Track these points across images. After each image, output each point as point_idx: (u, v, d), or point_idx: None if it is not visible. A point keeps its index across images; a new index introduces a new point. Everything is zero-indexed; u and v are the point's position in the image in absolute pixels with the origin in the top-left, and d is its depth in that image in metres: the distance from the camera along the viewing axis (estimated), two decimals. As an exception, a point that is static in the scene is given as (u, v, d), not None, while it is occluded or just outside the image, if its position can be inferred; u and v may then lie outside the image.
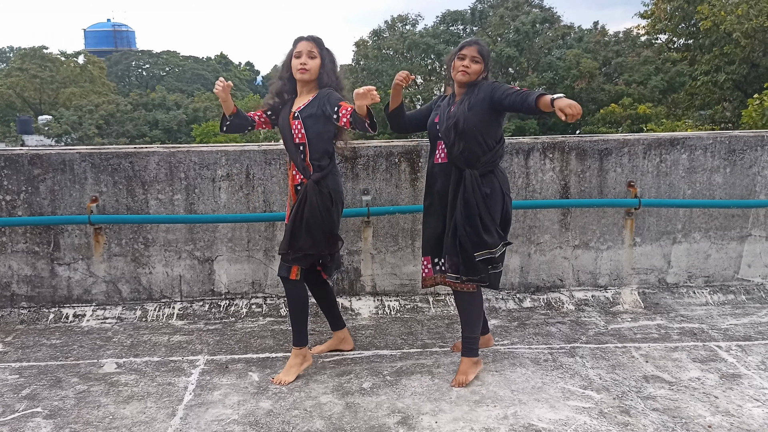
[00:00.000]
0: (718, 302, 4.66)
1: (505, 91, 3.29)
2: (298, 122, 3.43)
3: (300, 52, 3.45)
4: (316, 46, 3.47)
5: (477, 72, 3.39)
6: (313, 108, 3.43)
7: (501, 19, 28.77)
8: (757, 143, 4.69)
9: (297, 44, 3.49)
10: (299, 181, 3.48)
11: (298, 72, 3.45)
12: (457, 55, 3.43)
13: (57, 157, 4.37)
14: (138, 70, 58.87)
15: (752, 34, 19.53)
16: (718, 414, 3.12)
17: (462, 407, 3.20)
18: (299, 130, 3.44)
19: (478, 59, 3.40)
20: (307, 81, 3.49)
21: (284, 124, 3.51)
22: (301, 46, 3.46)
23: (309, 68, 3.44)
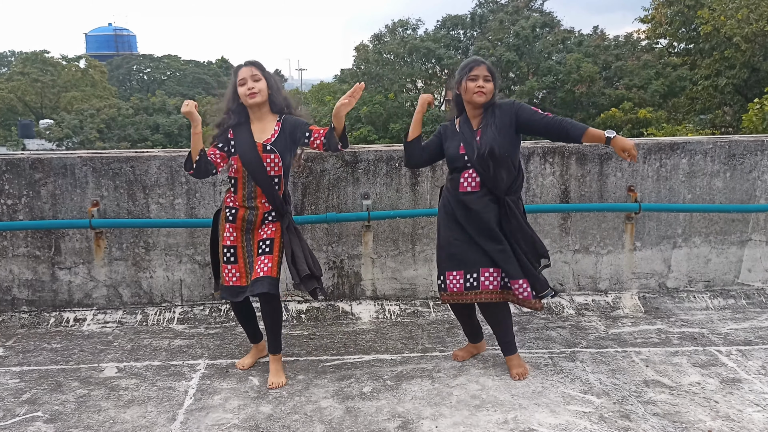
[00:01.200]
0: (718, 307, 4.66)
1: (534, 114, 3.38)
2: (275, 155, 3.39)
3: (244, 79, 3.39)
4: (257, 69, 3.42)
5: (491, 91, 3.39)
6: (283, 139, 3.43)
7: (501, 24, 28.81)
8: (756, 148, 4.70)
9: (238, 73, 3.43)
10: (269, 208, 3.44)
11: (248, 98, 3.38)
12: (468, 77, 3.39)
13: (58, 162, 4.38)
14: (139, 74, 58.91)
15: (752, 38, 19.54)
16: (718, 419, 3.12)
17: (462, 412, 3.20)
18: (276, 163, 3.40)
19: (489, 77, 3.40)
20: (260, 104, 3.42)
21: (251, 155, 3.38)
22: (243, 73, 3.40)
23: (258, 90, 3.38)
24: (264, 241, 3.45)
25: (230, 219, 3.47)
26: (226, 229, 3.49)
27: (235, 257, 3.48)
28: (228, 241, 3.48)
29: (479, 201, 3.40)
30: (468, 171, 3.41)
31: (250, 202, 3.44)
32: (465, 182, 3.43)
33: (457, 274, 3.46)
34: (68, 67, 45.31)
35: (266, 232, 3.47)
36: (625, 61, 26.69)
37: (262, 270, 3.39)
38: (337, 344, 4.05)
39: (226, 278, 3.48)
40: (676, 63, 25.23)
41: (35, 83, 42.20)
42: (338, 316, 4.50)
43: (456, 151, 3.45)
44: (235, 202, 3.47)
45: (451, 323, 4.35)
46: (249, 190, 3.43)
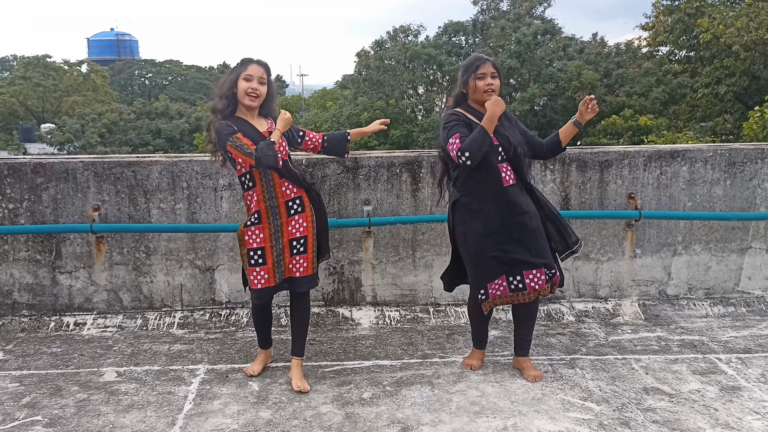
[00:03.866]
0: (718, 314, 4.66)
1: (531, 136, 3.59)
2: (282, 140, 3.37)
3: (251, 76, 3.33)
4: (266, 73, 3.38)
5: (499, 87, 3.42)
6: None
7: (502, 31, 28.86)
8: (757, 156, 4.71)
9: (248, 66, 3.35)
10: (291, 195, 3.42)
11: (247, 97, 3.33)
12: (475, 76, 3.39)
13: (60, 166, 4.40)
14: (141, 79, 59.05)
15: (752, 46, 19.58)
16: (717, 426, 3.12)
17: (462, 418, 3.20)
18: (284, 147, 3.41)
19: (496, 74, 3.42)
20: (254, 108, 3.40)
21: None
22: (253, 70, 3.34)
23: (259, 95, 3.35)
24: (297, 240, 3.44)
25: (255, 222, 3.41)
26: (248, 232, 3.42)
27: (263, 258, 3.41)
28: (255, 243, 3.41)
29: (521, 193, 3.45)
30: (503, 165, 3.40)
31: (271, 193, 3.37)
32: (506, 176, 3.40)
33: (500, 280, 3.44)
34: (70, 71, 45.43)
35: (298, 229, 3.43)
36: (625, 69, 26.73)
37: (298, 270, 3.44)
38: (337, 350, 4.05)
39: (254, 281, 3.43)
40: (677, 70, 25.26)
41: (37, 87, 42.31)
42: (338, 321, 4.50)
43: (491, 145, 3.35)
44: (254, 200, 3.40)
45: (451, 329, 4.35)
46: (267, 179, 3.37)
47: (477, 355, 3.81)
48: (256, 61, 3.39)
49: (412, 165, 4.54)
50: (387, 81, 28.86)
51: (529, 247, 3.41)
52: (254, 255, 3.43)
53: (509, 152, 3.40)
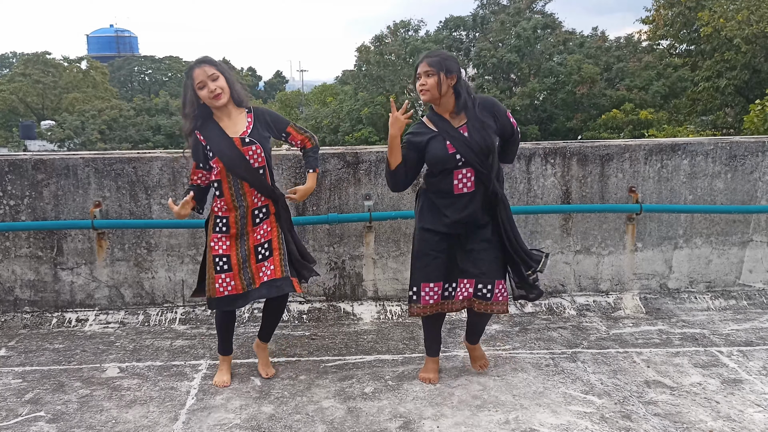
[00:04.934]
0: (719, 307, 4.67)
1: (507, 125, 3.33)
2: (256, 146, 3.28)
3: (202, 82, 3.23)
4: (212, 67, 3.26)
5: (434, 84, 3.19)
6: (259, 129, 3.35)
7: (502, 25, 28.81)
8: (758, 149, 4.70)
9: (192, 75, 3.25)
10: (258, 204, 3.36)
11: (214, 101, 3.24)
12: (416, 78, 3.28)
13: (60, 162, 4.40)
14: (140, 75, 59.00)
15: (753, 39, 19.53)
16: (719, 419, 3.12)
17: (464, 412, 3.20)
18: (259, 154, 3.29)
19: (431, 71, 3.19)
20: (225, 104, 3.29)
21: (231, 153, 3.27)
22: (199, 75, 3.23)
23: (222, 90, 3.25)
24: (261, 246, 3.37)
25: (223, 230, 3.36)
26: (215, 238, 3.37)
27: (229, 265, 3.35)
28: (220, 250, 3.36)
29: (472, 200, 3.27)
30: (461, 171, 3.24)
31: (239, 202, 3.32)
32: (459, 183, 3.26)
33: (435, 286, 3.35)
34: (70, 68, 45.38)
35: (262, 234, 3.38)
36: (626, 63, 26.70)
37: (266, 275, 3.33)
38: (339, 345, 4.06)
39: (219, 288, 3.35)
40: (677, 64, 25.22)
41: (37, 84, 42.26)
42: (340, 316, 4.51)
43: (444, 152, 3.23)
44: (222, 208, 3.35)
45: (452, 324, 4.36)
46: (236, 189, 3.31)
47: (431, 365, 3.60)
48: (196, 64, 3.28)
49: (413, 160, 4.53)
50: (387, 76, 28.85)
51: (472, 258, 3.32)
52: (219, 261, 3.36)
53: (470, 158, 3.21)
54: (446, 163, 3.24)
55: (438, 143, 3.26)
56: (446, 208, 3.30)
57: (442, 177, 3.28)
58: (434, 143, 3.27)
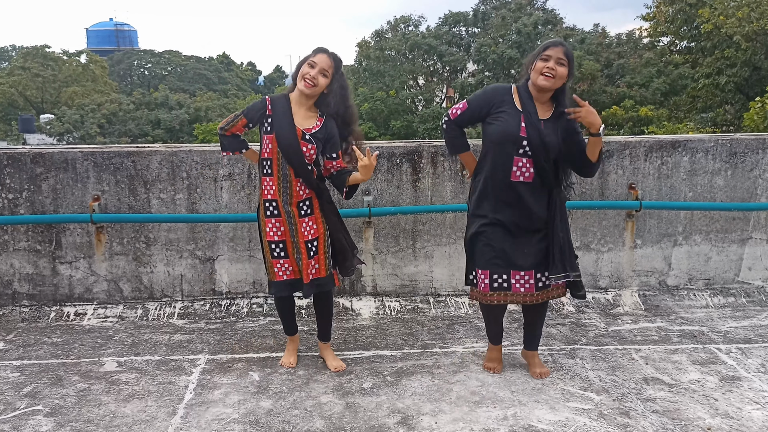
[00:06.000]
0: (718, 305, 4.67)
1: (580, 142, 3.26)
2: (312, 146, 3.32)
3: (315, 63, 3.28)
4: (333, 66, 3.31)
5: (563, 76, 3.15)
6: (322, 135, 3.37)
7: (503, 21, 28.76)
8: (758, 146, 4.70)
9: (316, 54, 3.31)
10: (303, 196, 3.39)
11: (302, 82, 3.28)
12: (540, 57, 3.18)
13: (59, 156, 4.38)
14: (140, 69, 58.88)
15: (753, 37, 19.51)
16: (717, 416, 3.12)
17: (462, 408, 3.20)
18: (312, 153, 3.33)
19: (564, 61, 3.14)
20: (308, 96, 3.33)
21: (292, 139, 3.30)
22: (319, 59, 3.29)
23: (316, 84, 3.28)
24: (311, 242, 3.41)
25: (275, 213, 3.39)
26: (269, 223, 3.40)
27: (285, 252, 3.42)
28: (276, 236, 3.41)
29: (529, 191, 3.21)
30: (521, 159, 3.17)
31: (285, 188, 3.34)
32: (518, 171, 3.19)
33: (483, 273, 3.31)
34: (69, 62, 45.29)
35: (309, 231, 3.41)
36: (626, 59, 26.64)
37: (311, 274, 3.41)
38: (338, 340, 4.05)
39: (278, 273, 3.43)
40: (678, 61, 25.17)
41: (36, 78, 42.18)
42: (338, 312, 4.50)
43: (515, 130, 3.16)
44: (272, 190, 3.36)
45: (451, 320, 4.36)
46: (284, 172, 3.33)
47: (493, 353, 3.62)
48: (327, 52, 3.33)
49: (413, 155, 4.53)
50: (387, 71, 28.80)
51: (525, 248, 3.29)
52: (275, 248, 3.42)
53: (535, 147, 3.15)
54: (510, 141, 3.17)
55: (513, 118, 3.19)
56: (502, 196, 3.24)
57: (502, 159, 3.21)
58: (508, 116, 3.20)
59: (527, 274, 3.30)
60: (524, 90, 3.25)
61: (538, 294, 3.34)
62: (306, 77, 3.28)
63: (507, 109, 3.22)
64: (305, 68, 3.30)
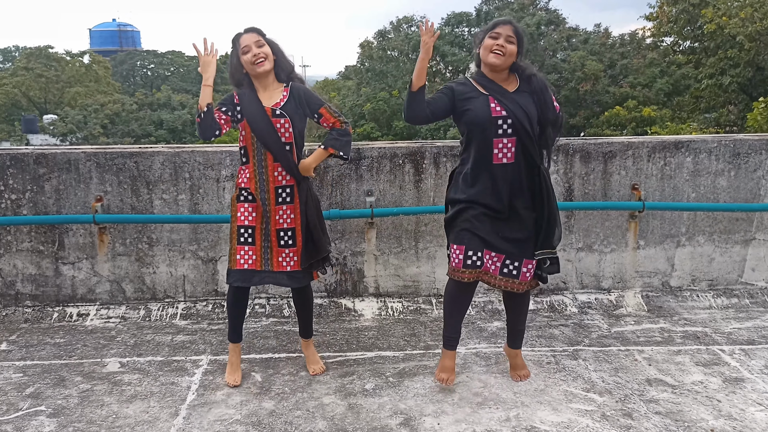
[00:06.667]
0: (721, 306, 4.65)
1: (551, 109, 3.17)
2: (285, 120, 3.28)
3: (247, 46, 3.24)
4: (258, 35, 3.28)
5: (512, 54, 3.10)
6: (293, 105, 3.33)
7: (506, 21, 28.70)
8: (762, 147, 4.68)
9: (239, 40, 3.28)
10: (282, 182, 3.34)
11: (256, 66, 3.23)
12: (489, 34, 3.13)
13: (62, 157, 4.39)
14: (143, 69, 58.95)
15: (757, 37, 19.48)
16: (720, 418, 3.12)
17: (464, 409, 3.20)
18: (287, 129, 3.29)
19: (513, 39, 3.11)
20: (267, 72, 3.28)
21: (261, 120, 3.27)
22: (245, 40, 3.26)
23: (265, 56, 3.24)
24: (285, 231, 3.36)
25: (249, 198, 3.34)
26: (241, 208, 3.35)
27: (253, 238, 3.34)
28: (246, 221, 3.33)
29: (512, 172, 3.14)
30: (501, 140, 3.10)
31: (261, 175, 3.31)
32: (499, 153, 3.11)
33: (458, 249, 3.22)
34: (72, 62, 45.36)
35: (285, 220, 3.36)
36: (629, 59, 26.62)
37: (289, 264, 3.36)
38: (340, 341, 4.05)
39: (240, 260, 3.31)
40: (681, 61, 25.15)
41: (39, 78, 42.26)
42: (341, 312, 4.50)
43: (487, 113, 3.09)
44: (247, 178, 3.33)
45: (454, 320, 4.35)
46: (260, 159, 3.30)
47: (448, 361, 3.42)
48: (244, 31, 3.31)
49: (415, 156, 4.52)
50: (390, 71, 28.81)
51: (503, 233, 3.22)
52: (244, 233, 3.34)
53: (518, 121, 3.08)
54: (486, 126, 3.11)
55: (481, 103, 3.13)
56: (483, 181, 3.17)
57: (480, 146, 3.15)
58: (477, 102, 3.14)
59: (497, 257, 3.23)
60: (480, 76, 3.23)
61: (502, 279, 3.25)
62: (253, 60, 3.24)
63: (472, 96, 3.17)
64: (245, 57, 3.26)
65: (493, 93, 3.15)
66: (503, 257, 3.25)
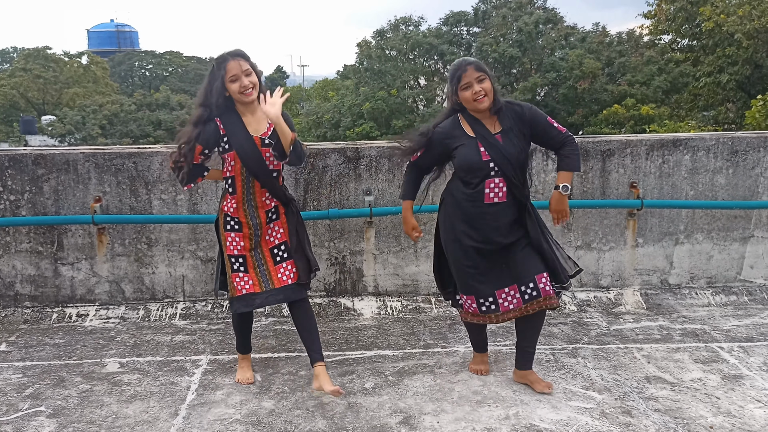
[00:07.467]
0: (720, 303, 4.66)
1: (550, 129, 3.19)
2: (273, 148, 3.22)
3: (236, 75, 3.14)
4: (247, 63, 3.18)
5: (490, 88, 3.12)
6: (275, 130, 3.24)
7: (504, 20, 28.73)
8: (759, 144, 4.69)
9: (225, 66, 3.15)
10: (271, 205, 3.31)
11: (243, 96, 3.15)
12: (459, 87, 3.14)
13: (61, 157, 4.39)
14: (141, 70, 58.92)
15: (755, 35, 19.46)
16: (719, 415, 3.12)
17: (464, 407, 3.20)
18: (276, 157, 3.23)
19: (482, 76, 3.12)
20: (253, 101, 3.19)
21: (251, 151, 3.19)
22: (233, 68, 3.14)
23: (254, 86, 3.17)
24: (278, 248, 3.33)
25: (236, 228, 3.28)
26: (229, 237, 3.29)
27: (245, 266, 3.30)
28: (235, 250, 3.29)
29: (502, 212, 3.19)
30: (494, 180, 3.15)
31: (250, 203, 3.26)
32: (491, 193, 3.17)
33: (469, 299, 3.31)
34: (70, 63, 45.33)
35: (276, 237, 3.33)
36: (627, 57, 26.62)
37: (289, 278, 3.30)
38: (339, 340, 4.06)
39: (238, 287, 3.28)
40: (679, 59, 25.13)
41: (37, 79, 42.22)
42: (340, 312, 4.50)
43: (477, 158, 3.14)
44: (233, 207, 3.27)
45: (453, 320, 4.36)
46: (248, 188, 3.24)
47: (479, 358, 3.61)
48: (232, 56, 3.18)
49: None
50: (388, 71, 28.78)
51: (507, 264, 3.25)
52: (235, 262, 3.30)
53: (504, 167, 3.13)
54: (478, 170, 3.15)
55: (470, 149, 3.16)
56: (476, 219, 3.21)
57: (472, 185, 3.19)
58: (466, 149, 3.17)
59: (511, 289, 3.25)
60: (470, 117, 3.23)
61: (528, 305, 3.23)
62: (242, 91, 3.16)
63: (462, 141, 3.20)
64: (233, 86, 3.15)
65: (480, 137, 3.17)
66: (516, 286, 3.25)
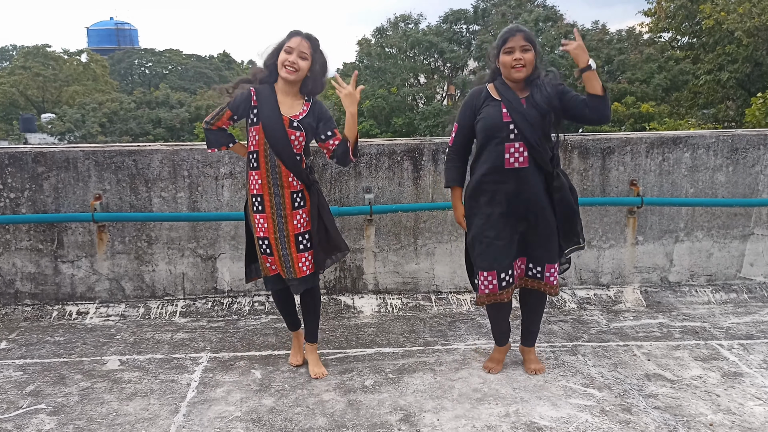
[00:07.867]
0: (720, 301, 4.66)
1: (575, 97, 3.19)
2: (300, 133, 3.25)
3: (291, 48, 3.20)
4: (310, 47, 3.24)
5: (531, 61, 3.13)
6: (310, 119, 3.30)
7: (503, 17, 28.67)
8: (759, 142, 4.69)
9: (291, 38, 3.24)
10: (297, 187, 3.31)
11: (284, 69, 3.20)
12: (503, 50, 3.16)
13: (61, 155, 4.39)
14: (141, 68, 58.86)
15: (755, 32, 19.44)
16: (719, 412, 3.12)
17: (464, 405, 3.20)
18: (300, 141, 3.26)
19: (528, 46, 3.13)
20: (292, 82, 3.26)
21: (277, 128, 3.22)
22: (295, 42, 3.21)
23: (298, 69, 3.21)
24: (302, 235, 3.33)
25: (259, 209, 3.30)
26: (255, 218, 3.34)
27: (270, 249, 3.33)
28: (261, 232, 3.33)
29: (522, 177, 3.17)
30: (513, 144, 3.15)
31: (276, 181, 3.26)
32: (511, 157, 3.16)
33: (489, 275, 3.29)
34: (70, 61, 45.30)
35: (302, 223, 3.33)
36: (627, 55, 26.58)
37: (309, 268, 3.35)
38: (339, 338, 4.06)
39: (269, 268, 3.38)
40: (679, 57, 25.12)
41: (37, 77, 42.19)
42: (340, 309, 4.51)
43: (498, 119, 3.16)
44: (258, 184, 3.28)
45: (453, 317, 4.36)
46: (272, 164, 3.24)
47: (498, 354, 3.59)
48: (302, 34, 3.25)
49: (414, 153, 4.53)
50: (388, 69, 28.74)
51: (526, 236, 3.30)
52: (262, 244, 3.36)
53: (523, 129, 3.13)
54: (497, 131, 3.17)
55: (494, 109, 3.20)
56: (498, 185, 3.21)
57: (493, 148, 3.19)
58: (490, 109, 3.21)
59: (521, 261, 3.37)
60: (501, 84, 3.26)
61: (528, 280, 3.39)
62: (286, 64, 3.21)
63: (488, 103, 3.24)
64: (283, 55, 3.22)
65: (505, 100, 3.20)
66: (525, 260, 3.37)
